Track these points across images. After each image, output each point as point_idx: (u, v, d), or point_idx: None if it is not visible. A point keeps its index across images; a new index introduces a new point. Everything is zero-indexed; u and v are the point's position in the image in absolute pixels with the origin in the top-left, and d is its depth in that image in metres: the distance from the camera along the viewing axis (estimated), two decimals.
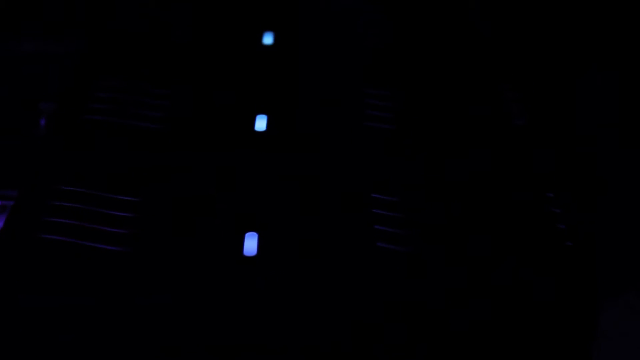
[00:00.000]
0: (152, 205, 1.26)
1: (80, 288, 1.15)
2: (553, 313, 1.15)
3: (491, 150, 1.39)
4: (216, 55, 1.58)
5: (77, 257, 1.18)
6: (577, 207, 1.29)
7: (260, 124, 1.42)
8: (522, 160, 1.37)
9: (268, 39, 1.63)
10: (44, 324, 1.12)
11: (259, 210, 1.26)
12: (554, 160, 1.38)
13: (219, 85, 1.50)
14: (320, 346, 1.11)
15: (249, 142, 1.38)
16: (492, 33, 1.65)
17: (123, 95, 1.47)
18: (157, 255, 1.19)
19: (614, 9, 1.69)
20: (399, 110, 1.47)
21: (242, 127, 1.41)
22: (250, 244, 1.20)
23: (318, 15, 1.71)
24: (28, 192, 1.27)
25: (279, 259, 1.19)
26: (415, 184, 1.32)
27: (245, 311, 1.14)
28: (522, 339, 1.13)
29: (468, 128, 1.43)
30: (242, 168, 1.33)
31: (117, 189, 1.28)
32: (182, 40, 1.62)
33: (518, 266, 1.20)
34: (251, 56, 1.58)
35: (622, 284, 1.22)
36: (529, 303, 1.16)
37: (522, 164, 1.37)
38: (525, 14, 1.70)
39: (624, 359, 1.15)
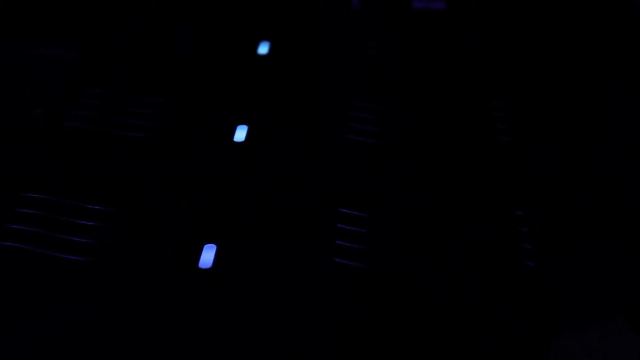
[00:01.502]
0: (119, 214, 1.27)
1: (38, 296, 1.16)
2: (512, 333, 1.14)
3: (472, 166, 1.37)
4: (208, 64, 1.58)
5: (36, 265, 1.19)
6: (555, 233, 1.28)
7: (240, 134, 1.42)
8: (504, 176, 1.36)
9: (263, 49, 1.63)
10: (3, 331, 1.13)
11: (222, 221, 1.26)
12: (539, 176, 1.37)
13: (204, 95, 1.51)
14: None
15: (226, 152, 1.38)
16: (489, 48, 1.63)
17: (108, 104, 1.48)
18: (117, 265, 1.20)
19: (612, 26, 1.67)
20: (385, 123, 1.45)
21: (221, 137, 1.42)
22: (207, 256, 1.20)
23: (316, 26, 1.70)
24: None
25: (232, 271, 1.19)
26: (391, 198, 1.31)
27: (201, 323, 1.14)
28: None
29: (453, 142, 1.42)
30: (215, 179, 1.33)
31: (87, 198, 1.30)
32: (179, 50, 1.63)
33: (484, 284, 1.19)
34: (244, 66, 1.58)
35: (611, 307, 1.21)
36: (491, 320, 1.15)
37: (503, 180, 1.35)
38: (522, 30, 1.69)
39: None
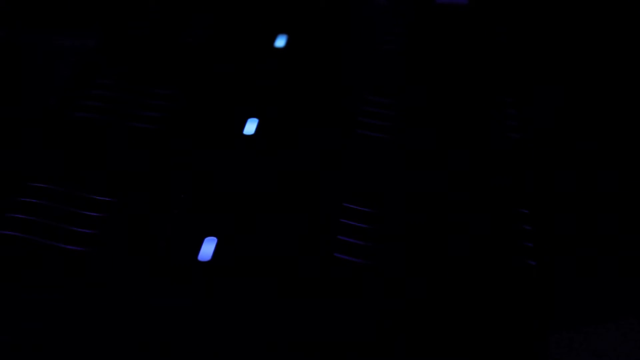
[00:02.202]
0: (123, 205, 1.27)
1: (36, 285, 1.16)
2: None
3: (481, 164, 1.35)
4: (223, 57, 1.58)
5: (36, 254, 1.19)
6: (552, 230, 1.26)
7: (250, 127, 1.41)
8: (511, 176, 1.34)
9: (281, 42, 1.62)
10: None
11: (225, 214, 1.25)
12: (547, 177, 1.34)
13: (217, 87, 1.50)
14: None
15: (234, 145, 1.37)
16: (504, 44, 1.62)
17: (118, 95, 1.48)
18: (117, 255, 1.20)
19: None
20: (397, 118, 1.44)
21: (231, 130, 1.41)
22: (207, 249, 1.19)
23: (337, 20, 1.69)
24: None
25: (232, 264, 1.18)
26: (395, 196, 1.29)
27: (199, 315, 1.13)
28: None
29: (462, 140, 1.40)
30: (220, 172, 1.32)
31: (92, 189, 1.29)
32: (194, 41, 1.62)
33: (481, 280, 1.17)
34: (260, 58, 1.57)
35: (623, 307, 1.19)
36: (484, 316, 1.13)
37: (510, 180, 1.33)
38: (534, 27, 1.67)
39: None
